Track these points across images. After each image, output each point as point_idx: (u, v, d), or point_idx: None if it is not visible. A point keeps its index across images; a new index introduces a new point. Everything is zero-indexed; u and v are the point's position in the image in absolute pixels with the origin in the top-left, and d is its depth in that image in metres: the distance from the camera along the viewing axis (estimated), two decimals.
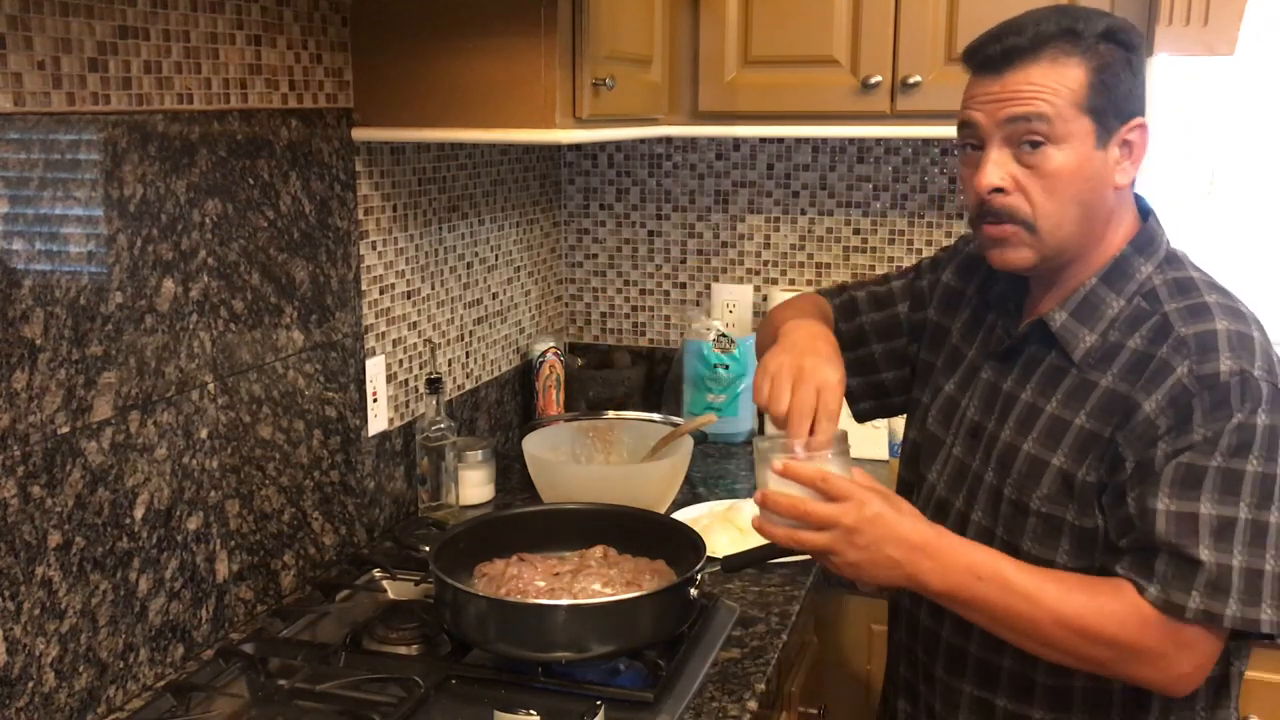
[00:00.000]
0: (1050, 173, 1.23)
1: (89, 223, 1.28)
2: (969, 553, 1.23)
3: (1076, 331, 1.29)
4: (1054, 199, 1.24)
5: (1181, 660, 1.18)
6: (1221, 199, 2.39)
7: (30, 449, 1.22)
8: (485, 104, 1.66)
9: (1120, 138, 1.24)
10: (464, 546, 1.56)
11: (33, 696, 1.24)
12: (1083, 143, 1.23)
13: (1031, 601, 1.19)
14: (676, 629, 1.46)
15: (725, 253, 2.60)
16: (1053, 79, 1.22)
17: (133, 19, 1.32)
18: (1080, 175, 1.23)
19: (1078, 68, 1.22)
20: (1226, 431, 1.16)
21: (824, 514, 1.21)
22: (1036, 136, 1.22)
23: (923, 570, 1.21)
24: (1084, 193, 1.24)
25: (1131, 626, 1.17)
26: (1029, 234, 1.26)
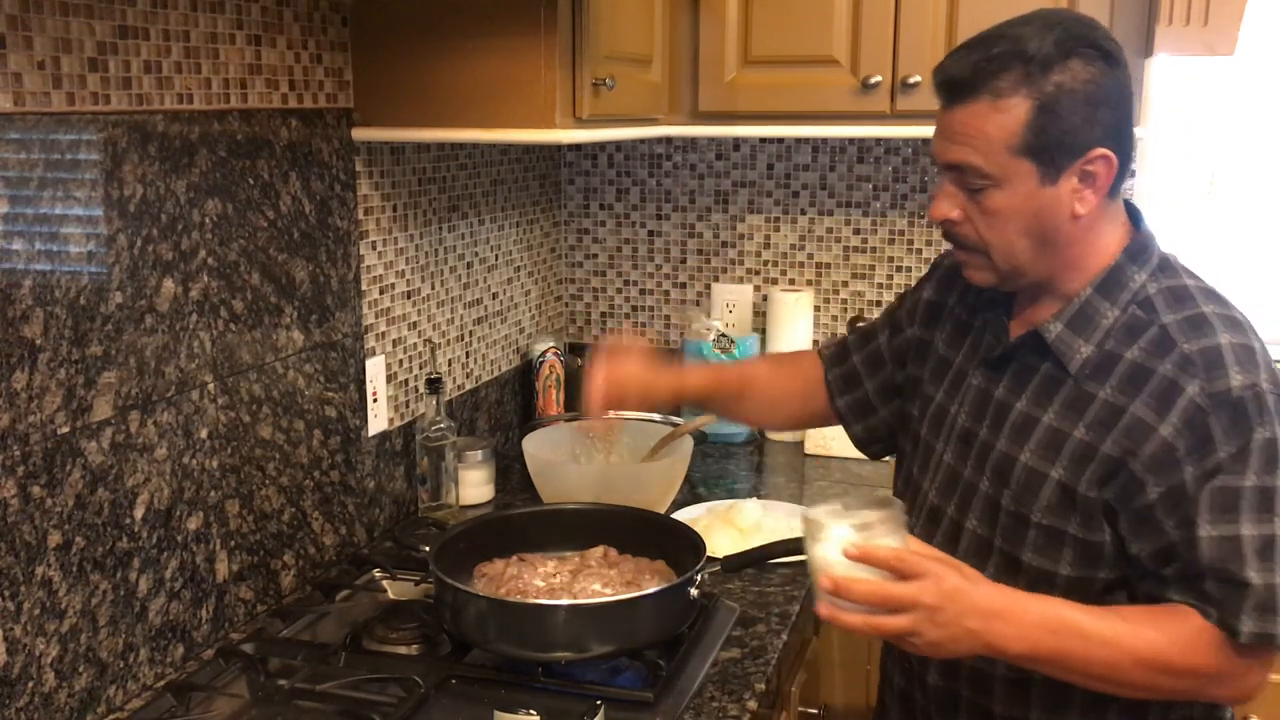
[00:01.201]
0: (991, 210, 1.24)
1: (89, 223, 1.28)
2: (1038, 608, 1.19)
3: (1072, 343, 1.27)
4: (998, 233, 1.25)
5: (1252, 676, 1.20)
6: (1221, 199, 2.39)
7: (30, 449, 1.22)
8: (485, 104, 1.66)
9: (1077, 169, 1.22)
10: (464, 546, 1.56)
11: (33, 696, 1.24)
12: (1023, 183, 1.22)
13: (1110, 646, 1.18)
14: (676, 629, 1.46)
15: (725, 253, 2.60)
16: (988, 124, 1.20)
17: (133, 19, 1.32)
18: (1023, 213, 1.23)
19: (1018, 108, 1.19)
20: (1253, 449, 1.16)
21: (907, 596, 1.14)
22: (974, 183, 1.24)
23: (1001, 636, 1.18)
24: (1032, 227, 1.24)
25: (1207, 653, 1.17)
26: (985, 259, 1.29)
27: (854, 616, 1.17)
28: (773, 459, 2.38)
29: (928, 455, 1.43)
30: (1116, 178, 1.25)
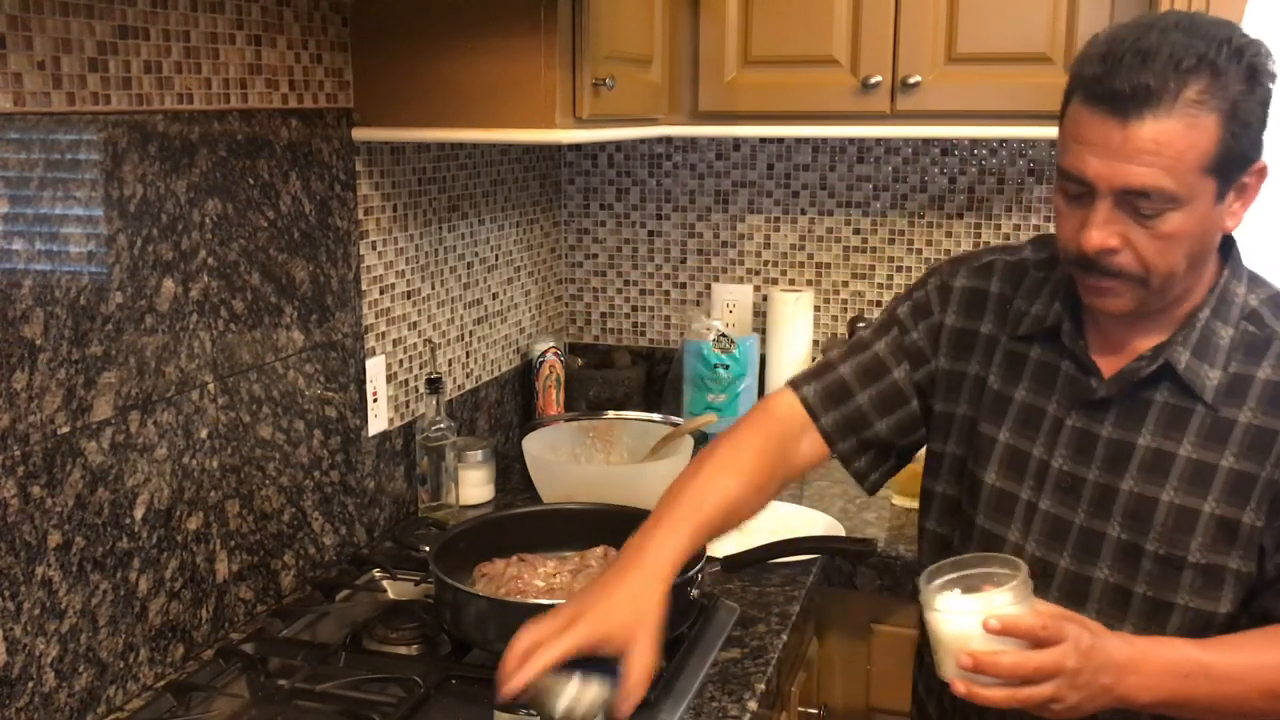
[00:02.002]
0: (1167, 235, 1.15)
1: (89, 223, 1.28)
2: (1163, 653, 1.17)
3: (1199, 370, 1.22)
4: (1168, 258, 1.17)
5: None
6: None
7: (30, 449, 1.22)
8: (485, 104, 1.66)
9: (1241, 184, 1.18)
10: (464, 546, 1.56)
11: (33, 696, 1.24)
12: (1203, 202, 1.15)
13: (1236, 682, 1.16)
14: (676, 629, 1.45)
15: (725, 253, 2.60)
16: (1184, 142, 1.11)
17: (133, 19, 1.32)
18: (1196, 232, 1.16)
19: (1212, 123, 1.11)
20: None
21: (1050, 664, 1.10)
22: (1152, 207, 1.14)
23: (1131, 688, 1.15)
24: (1197, 246, 1.18)
25: None
26: (1138, 287, 1.19)
27: (996, 692, 1.11)
28: None
29: (1009, 503, 1.33)
30: None
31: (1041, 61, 1.98)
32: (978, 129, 2.05)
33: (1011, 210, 2.40)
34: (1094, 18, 1.94)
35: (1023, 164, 2.38)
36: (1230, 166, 1.14)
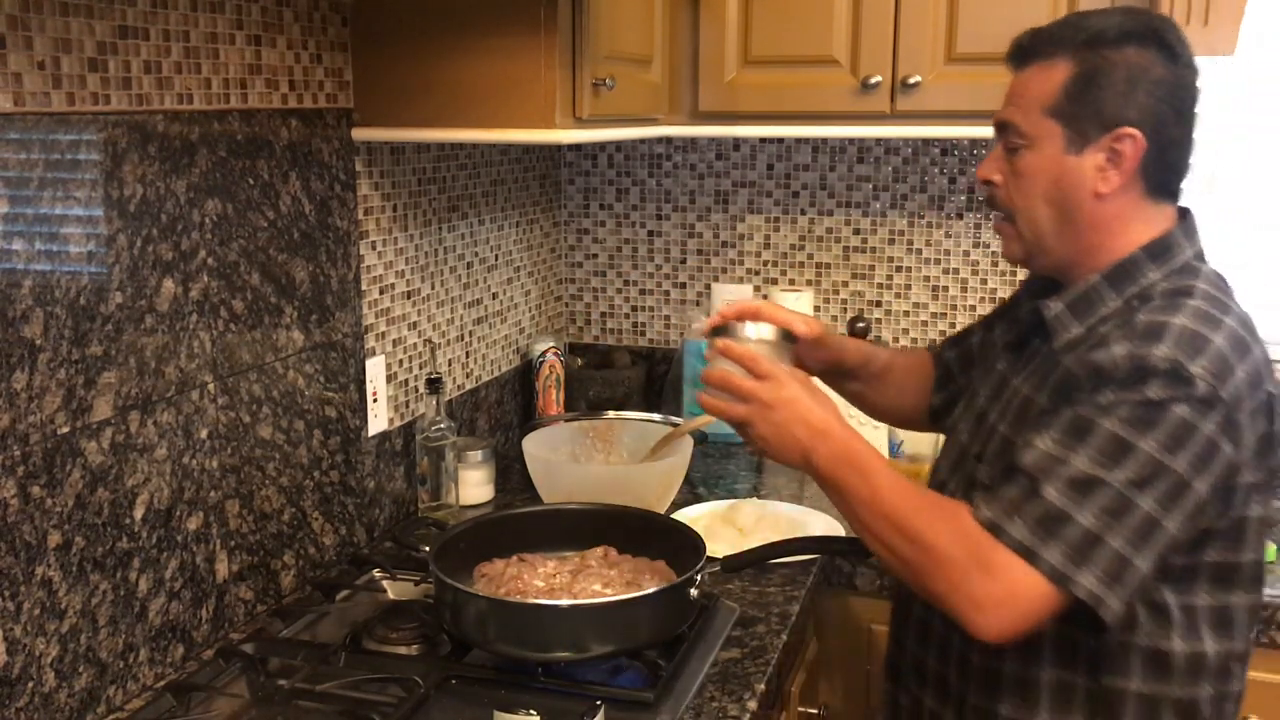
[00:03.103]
0: (1019, 171, 1.30)
1: (89, 223, 1.28)
2: (857, 444, 1.29)
3: (1066, 322, 1.30)
4: (1023, 197, 1.30)
5: (979, 582, 1.17)
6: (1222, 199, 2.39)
7: (30, 449, 1.22)
8: (485, 104, 1.66)
9: (1104, 145, 1.25)
10: (464, 546, 1.56)
11: (33, 696, 1.24)
12: (1051, 146, 1.27)
13: (875, 490, 1.25)
14: (676, 629, 1.46)
15: (725, 253, 2.60)
16: (1032, 85, 1.29)
17: (133, 19, 1.32)
18: (1046, 177, 1.28)
19: (1060, 71, 1.26)
20: (1139, 404, 1.15)
21: (746, 388, 1.33)
22: (1013, 141, 1.30)
23: (818, 453, 1.29)
24: (1053, 195, 1.28)
25: (944, 533, 1.20)
26: (1012, 227, 1.34)
27: (711, 399, 1.36)
28: None
29: (951, 434, 1.49)
30: (1154, 168, 1.26)
31: None
32: (978, 129, 2.04)
33: None
34: None
35: None
36: (1077, 118, 1.25)
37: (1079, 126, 1.25)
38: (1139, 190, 1.27)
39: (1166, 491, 1.14)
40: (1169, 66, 1.25)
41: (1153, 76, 1.24)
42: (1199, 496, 1.16)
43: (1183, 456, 1.14)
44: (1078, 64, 1.25)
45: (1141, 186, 1.27)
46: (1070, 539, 1.14)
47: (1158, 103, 1.24)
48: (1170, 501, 1.15)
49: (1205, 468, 1.16)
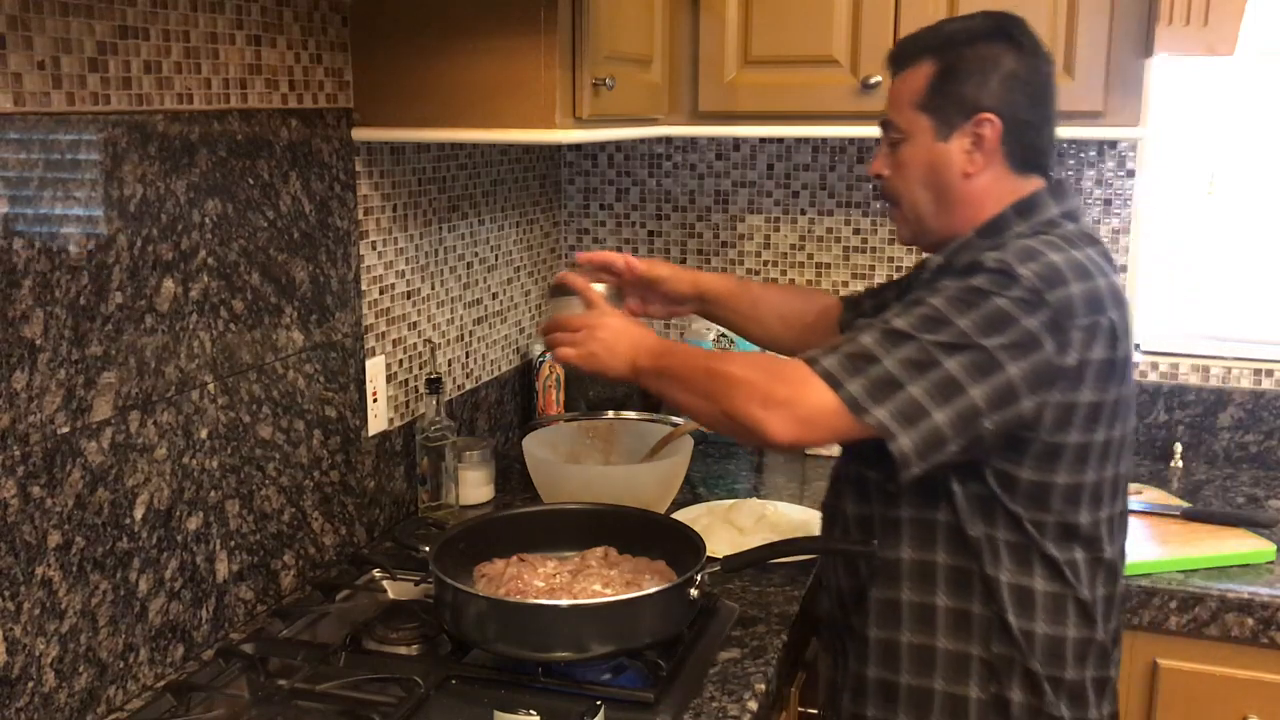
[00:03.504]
0: (900, 162, 1.46)
1: (89, 223, 1.28)
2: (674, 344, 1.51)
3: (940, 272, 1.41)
4: (905, 184, 1.46)
5: (774, 387, 1.32)
6: (1221, 199, 2.39)
7: (30, 449, 1.22)
8: (485, 104, 1.66)
9: (968, 131, 1.40)
10: (464, 546, 1.56)
11: (33, 696, 1.24)
12: (923, 136, 1.43)
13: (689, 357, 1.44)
14: (676, 629, 1.46)
15: (725, 253, 2.60)
16: (904, 86, 1.45)
17: (133, 19, 1.32)
18: (922, 164, 1.43)
19: (925, 70, 1.43)
20: (963, 289, 1.29)
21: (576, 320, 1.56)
22: (893, 136, 1.47)
23: (641, 351, 1.48)
24: (929, 179, 1.43)
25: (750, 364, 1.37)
26: (900, 212, 1.49)
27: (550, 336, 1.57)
28: (773, 459, 2.38)
29: None
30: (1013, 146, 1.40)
31: None
32: None
33: None
34: (1094, 18, 1.94)
35: None
36: (942, 109, 1.41)
37: (944, 116, 1.41)
38: (1004, 166, 1.41)
39: (973, 362, 1.26)
40: (1018, 57, 1.40)
41: (1004, 67, 1.39)
42: (1009, 379, 1.26)
43: (995, 338, 1.26)
44: (938, 62, 1.41)
45: (1005, 163, 1.41)
46: (873, 376, 1.28)
47: (1010, 90, 1.39)
48: (976, 371, 1.26)
49: (1020, 355, 1.26)
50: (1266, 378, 2.30)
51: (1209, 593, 1.76)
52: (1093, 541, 1.37)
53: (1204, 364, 2.34)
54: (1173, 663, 1.81)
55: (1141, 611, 1.80)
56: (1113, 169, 2.34)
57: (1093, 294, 1.30)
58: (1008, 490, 1.33)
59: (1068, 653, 1.37)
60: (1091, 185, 2.35)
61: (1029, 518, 1.34)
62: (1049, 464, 1.32)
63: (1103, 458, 1.35)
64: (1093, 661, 1.39)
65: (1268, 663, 1.76)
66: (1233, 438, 2.33)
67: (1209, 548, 1.87)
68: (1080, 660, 1.38)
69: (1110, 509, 1.38)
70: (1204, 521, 1.98)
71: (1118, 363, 1.32)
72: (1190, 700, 1.80)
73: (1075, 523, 1.35)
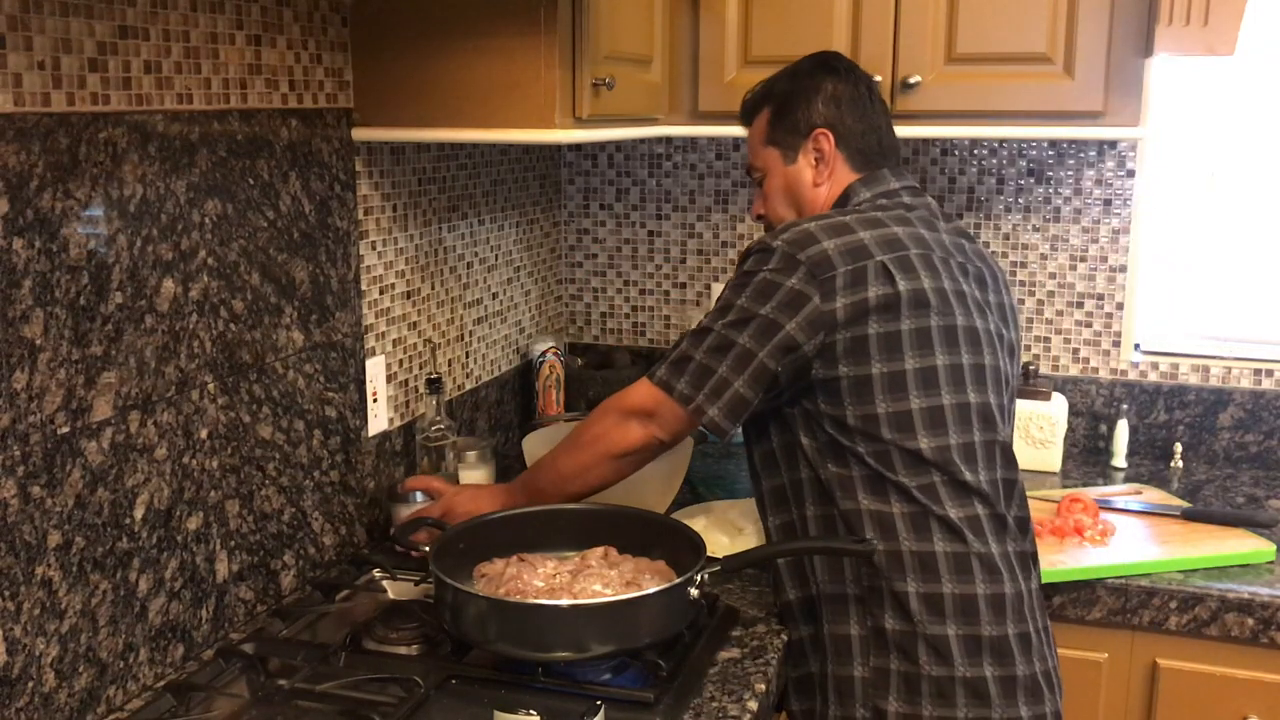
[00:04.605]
0: (767, 194, 1.71)
1: (89, 223, 1.28)
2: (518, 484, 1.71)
3: None
4: (774, 209, 1.70)
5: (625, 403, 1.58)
6: (1222, 198, 2.39)
7: (30, 449, 1.22)
8: (485, 104, 1.66)
9: (809, 149, 1.65)
10: (464, 546, 1.56)
11: (33, 696, 1.24)
12: (776, 165, 1.68)
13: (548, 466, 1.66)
14: (676, 629, 1.46)
15: (725, 253, 2.60)
16: (753, 132, 1.73)
17: (133, 19, 1.32)
18: (781, 188, 1.68)
19: (765, 114, 1.70)
20: (740, 274, 1.52)
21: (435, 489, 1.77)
22: (756, 177, 1.73)
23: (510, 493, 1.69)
24: (790, 198, 1.68)
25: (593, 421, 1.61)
26: None
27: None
28: None
29: None
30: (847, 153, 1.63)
31: (1041, 61, 1.98)
32: (978, 129, 2.05)
33: (1011, 210, 2.40)
34: (1094, 18, 1.94)
35: (1023, 164, 2.38)
36: (781, 139, 1.67)
37: (786, 143, 1.66)
38: (846, 169, 1.64)
39: (758, 329, 1.47)
40: (836, 80, 1.65)
41: (825, 91, 1.64)
42: (790, 335, 1.46)
43: (768, 305, 1.47)
44: (772, 103, 1.69)
45: (847, 166, 1.64)
46: (690, 371, 1.51)
47: (834, 106, 1.64)
48: (762, 336, 1.47)
49: (792, 312, 1.46)
50: (1266, 378, 2.30)
51: (1209, 593, 1.76)
52: (946, 465, 1.47)
53: (1204, 364, 2.34)
54: (1173, 663, 1.81)
55: (1141, 611, 1.79)
56: (1113, 169, 2.34)
57: (852, 245, 1.48)
58: (843, 431, 1.48)
59: (940, 566, 1.45)
60: (1091, 185, 2.35)
61: (870, 450, 1.47)
62: (866, 396, 1.46)
63: (925, 384, 1.47)
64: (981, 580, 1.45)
65: (1268, 663, 1.76)
66: (1233, 438, 2.33)
67: (1209, 548, 1.87)
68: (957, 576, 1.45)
69: (960, 436, 1.48)
70: (1204, 521, 1.98)
71: (904, 295, 1.47)
72: (1190, 700, 1.80)
73: (917, 449, 1.46)
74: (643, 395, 1.56)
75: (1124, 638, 1.81)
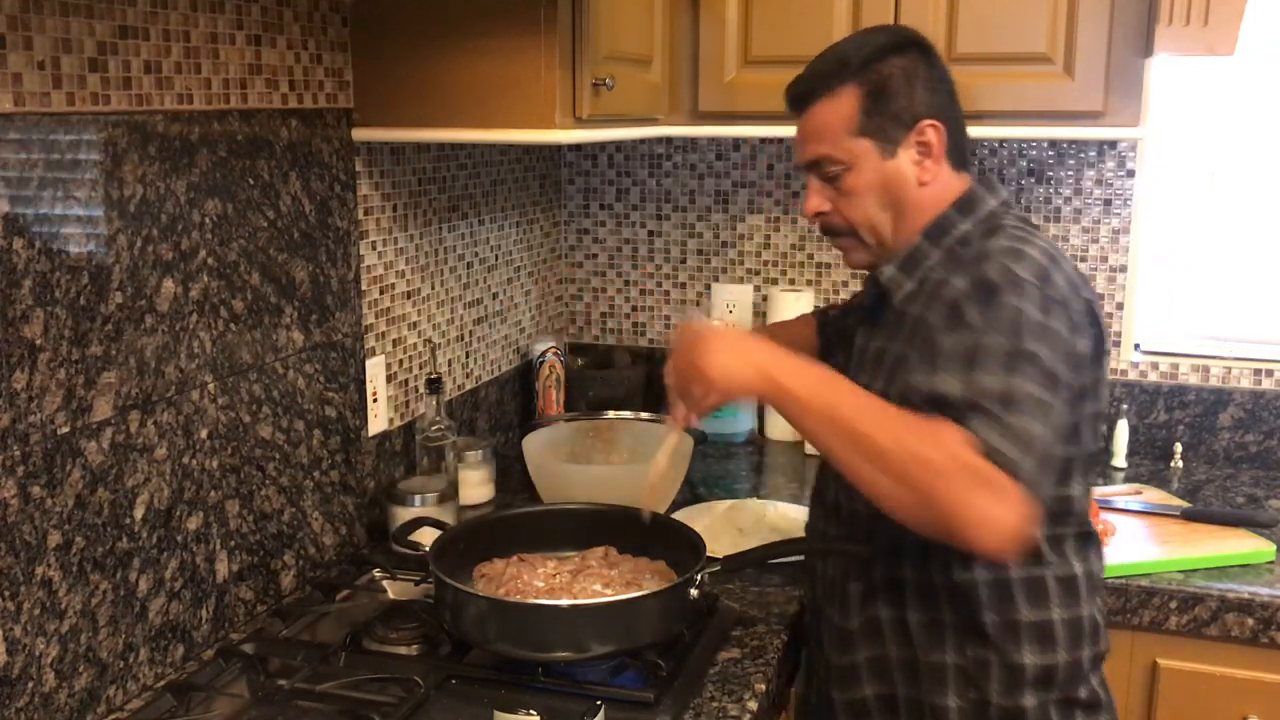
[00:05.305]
0: (847, 192, 1.43)
1: (89, 223, 1.28)
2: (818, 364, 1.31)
3: (899, 280, 1.43)
4: (859, 211, 1.44)
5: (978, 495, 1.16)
6: (1222, 198, 2.39)
7: (30, 449, 1.22)
8: (485, 104, 1.66)
9: (911, 142, 1.41)
10: (464, 546, 1.56)
11: (33, 696, 1.24)
12: (868, 160, 1.41)
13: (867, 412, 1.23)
14: (676, 629, 1.46)
15: (725, 253, 2.60)
16: (828, 116, 1.42)
17: (133, 19, 1.32)
18: (875, 187, 1.42)
19: (850, 96, 1.41)
20: (998, 312, 1.25)
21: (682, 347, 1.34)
22: (831, 170, 1.43)
23: (780, 370, 1.27)
24: (886, 198, 1.43)
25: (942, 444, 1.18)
26: (856, 240, 1.47)
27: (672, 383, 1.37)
28: (773, 459, 2.38)
29: None
30: (952, 146, 1.42)
31: (1041, 61, 1.97)
32: (978, 129, 2.03)
33: None
34: (1094, 18, 1.94)
35: (1023, 164, 2.38)
36: (880, 129, 1.40)
37: (886, 134, 1.41)
38: (947, 168, 1.43)
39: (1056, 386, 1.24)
40: (930, 63, 1.43)
41: (922, 75, 1.41)
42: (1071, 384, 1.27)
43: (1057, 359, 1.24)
44: (862, 84, 1.40)
45: (948, 164, 1.43)
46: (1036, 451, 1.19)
47: (935, 93, 1.42)
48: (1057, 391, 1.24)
49: (1071, 362, 1.27)
50: (1266, 378, 2.30)
51: (1209, 593, 1.76)
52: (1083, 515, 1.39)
53: (1204, 364, 2.34)
54: (1173, 663, 1.81)
55: (1141, 611, 1.79)
56: (1113, 169, 2.34)
57: (1070, 281, 1.31)
58: None
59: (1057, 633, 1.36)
60: (1091, 185, 2.35)
61: None
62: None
63: (1093, 430, 1.39)
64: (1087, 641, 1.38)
65: (1268, 663, 1.76)
66: (1233, 438, 2.32)
67: (1209, 548, 1.87)
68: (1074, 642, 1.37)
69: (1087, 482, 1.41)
70: (1204, 521, 1.98)
71: (1102, 339, 1.35)
72: (1190, 700, 1.80)
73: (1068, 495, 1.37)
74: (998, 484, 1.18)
75: (1124, 638, 1.81)
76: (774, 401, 1.29)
